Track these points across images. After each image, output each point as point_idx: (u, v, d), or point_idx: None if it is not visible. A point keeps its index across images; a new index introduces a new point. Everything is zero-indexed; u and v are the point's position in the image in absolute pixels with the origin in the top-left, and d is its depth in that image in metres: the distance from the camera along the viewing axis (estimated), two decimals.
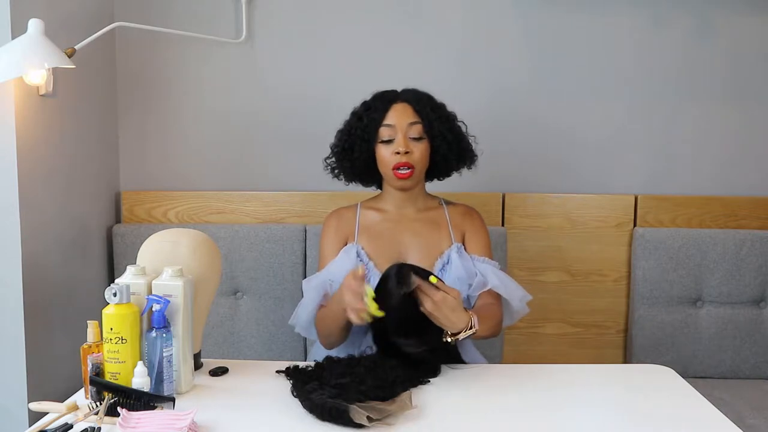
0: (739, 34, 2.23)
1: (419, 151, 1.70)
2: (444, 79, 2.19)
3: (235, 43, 2.22)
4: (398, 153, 1.68)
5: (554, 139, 2.27)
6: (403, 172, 1.69)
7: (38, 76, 1.66)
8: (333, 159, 1.81)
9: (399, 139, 1.69)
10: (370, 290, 1.42)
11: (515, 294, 1.69)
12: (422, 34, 2.24)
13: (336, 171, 1.82)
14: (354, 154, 1.75)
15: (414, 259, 1.67)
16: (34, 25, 1.57)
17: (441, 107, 1.77)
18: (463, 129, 1.79)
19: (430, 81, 1.84)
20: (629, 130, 2.27)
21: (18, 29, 1.62)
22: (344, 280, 1.48)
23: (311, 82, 2.25)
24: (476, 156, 1.81)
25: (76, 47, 1.73)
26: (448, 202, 1.82)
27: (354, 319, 1.44)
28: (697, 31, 2.23)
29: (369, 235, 1.74)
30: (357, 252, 1.71)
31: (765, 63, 2.24)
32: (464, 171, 1.83)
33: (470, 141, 1.80)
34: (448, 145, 1.74)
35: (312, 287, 1.69)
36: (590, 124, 2.27)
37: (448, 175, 1.83)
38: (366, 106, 1.76)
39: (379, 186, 1.84)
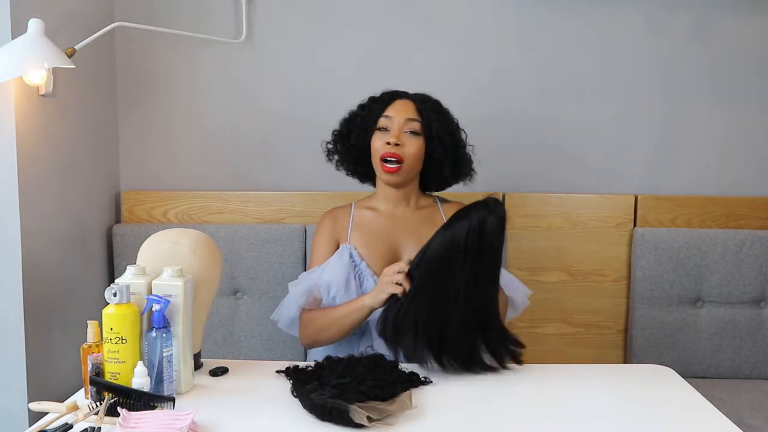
0: (738, 35, 2.22)
1: (412, 147, 1.70)
2: (443, 79, 2.19)
3: (235, 43, 2.21)
4: (389, 143, 1.68)
5: (554, 139, 2.27)
6: (390, 165, 1.69)
7: (38, 76, 1.66)
8: (332, 144, 1.82)
9: (393, 130, 1.69)
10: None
11: (516, 287, 1.69)
12: (422, 33, 2.24)
13: (331, 155, 1.82)
14: (350, 140, 1.76)
15: (408, 257, 1.67)
16: (34, 25, 1.57)
17: (446, 113, 1.76)
18: (464, 137, 1.78)
19: (430, 80, 1.84)
20: (629, 130, 2.27)
21: (18, 29, 1.62)
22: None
23: (311, 82, 2.25)
24: (473, 171, 1.80)
25: (76, 47, 1.73)
26: (443, 200, 1.82)
27: (396, 286, 1.49)
28: (696, 32, 2.23)
29: (362, 235, 1.74)
30: (350, 253, 1.71)
31: (765, 63, 2.24)
32: None
33: (468, 152, 1.79)
34: (444, 149, 1.73)
35: (300, 291, 1.69)
36: (590, 124, 2.26)
37: (442, 188, 1.82)
38: (372, 98, 1.77)
39: (374, 183, 1.83)
